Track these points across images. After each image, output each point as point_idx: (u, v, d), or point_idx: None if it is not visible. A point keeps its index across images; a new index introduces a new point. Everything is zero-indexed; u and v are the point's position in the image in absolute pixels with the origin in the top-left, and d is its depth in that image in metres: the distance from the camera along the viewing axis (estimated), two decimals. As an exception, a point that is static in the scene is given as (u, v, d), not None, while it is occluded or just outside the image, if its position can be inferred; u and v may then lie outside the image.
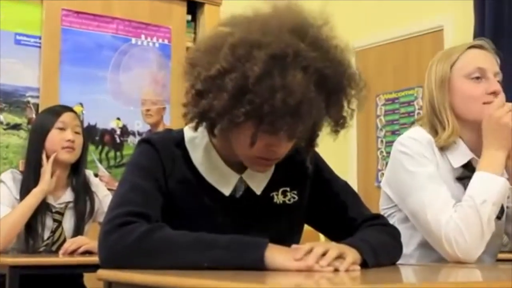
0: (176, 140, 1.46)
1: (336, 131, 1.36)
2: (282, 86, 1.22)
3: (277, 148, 1.35)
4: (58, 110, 2.66)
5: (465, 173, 1.79)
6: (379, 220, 1.55)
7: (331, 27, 1.34)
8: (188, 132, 1.46)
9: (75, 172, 2.66)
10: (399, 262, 1.51)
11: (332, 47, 1.31)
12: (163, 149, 1.43)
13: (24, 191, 2.54)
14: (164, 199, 1.39)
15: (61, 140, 2.57)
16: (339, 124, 1.35)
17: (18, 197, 2.55)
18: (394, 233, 1.54)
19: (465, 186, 1.75)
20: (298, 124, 1.26)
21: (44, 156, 2.57)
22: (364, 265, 1.29)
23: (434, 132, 1.82)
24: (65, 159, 2.59)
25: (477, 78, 1.79)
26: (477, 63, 1.80)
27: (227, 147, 1.42)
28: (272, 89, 1.23)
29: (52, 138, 2.58)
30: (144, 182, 1.38)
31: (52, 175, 2.56)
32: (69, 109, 2.73)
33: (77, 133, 2.63)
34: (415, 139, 1.79)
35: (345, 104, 1.35)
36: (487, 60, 1.82)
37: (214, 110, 1.29)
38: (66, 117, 2.62)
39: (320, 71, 1.27)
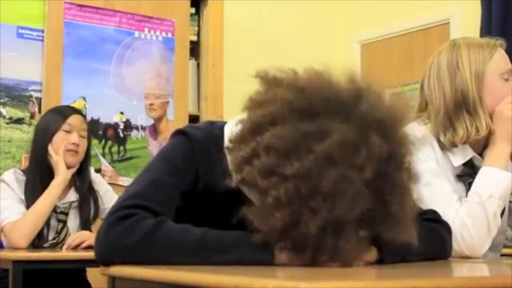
0: (216, 140, 1.34)
1: None
2: (332, 249, 1.12)
3: None
4: (66, 112, 2.65)
5: (465, 171, 1.78)
6: (428, 215, 1.49)
7: (414, 148, 1.22)
8: (228, 132, 1.32)
9: (79, 174, 2.65)
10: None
11: (397, 193, 1.15)
12: (200, 148, 1.34)
13: (30, 190, 2.53)
14: (187, 200, 1.33)
15: (66, 143, 2.56)
16: None
17: (23, 197, 2.54)
18: (439, 229, 1.49)
19: (465, 184, 1.75)
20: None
21: (51, 151, 2.55)
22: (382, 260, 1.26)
23: (444, 128, 1.75)
24: (67, 163, 2.57)
25: (506, 79, 1.77)
26: (508, 64, 1.79)
27: None
28: (320, 249, 1.12)
29: (57, 140, 2.56)
30: (168, 178, 1.31)
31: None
32: (77, 111, 2.71)
33: (82, 137, 2.61)
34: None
35: None
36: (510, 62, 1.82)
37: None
38: (73, 119, 2.60)
39: (373, 219, 1.15)
